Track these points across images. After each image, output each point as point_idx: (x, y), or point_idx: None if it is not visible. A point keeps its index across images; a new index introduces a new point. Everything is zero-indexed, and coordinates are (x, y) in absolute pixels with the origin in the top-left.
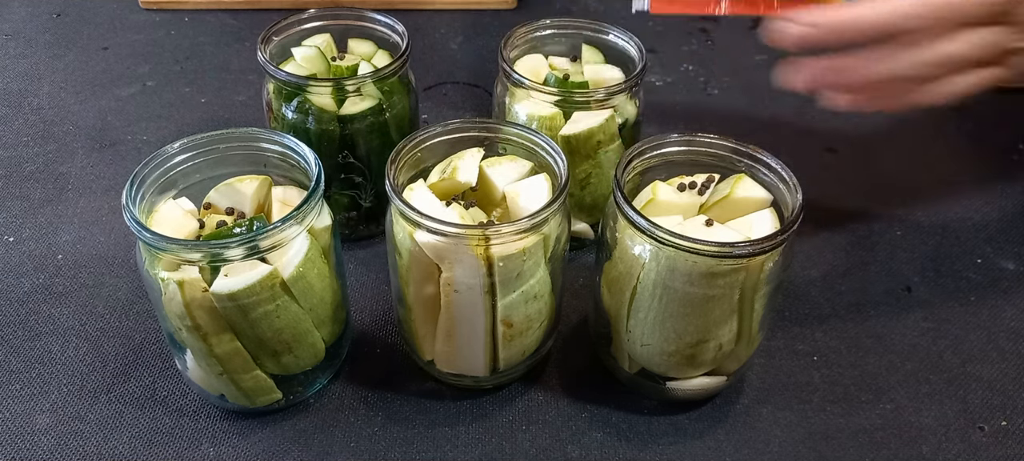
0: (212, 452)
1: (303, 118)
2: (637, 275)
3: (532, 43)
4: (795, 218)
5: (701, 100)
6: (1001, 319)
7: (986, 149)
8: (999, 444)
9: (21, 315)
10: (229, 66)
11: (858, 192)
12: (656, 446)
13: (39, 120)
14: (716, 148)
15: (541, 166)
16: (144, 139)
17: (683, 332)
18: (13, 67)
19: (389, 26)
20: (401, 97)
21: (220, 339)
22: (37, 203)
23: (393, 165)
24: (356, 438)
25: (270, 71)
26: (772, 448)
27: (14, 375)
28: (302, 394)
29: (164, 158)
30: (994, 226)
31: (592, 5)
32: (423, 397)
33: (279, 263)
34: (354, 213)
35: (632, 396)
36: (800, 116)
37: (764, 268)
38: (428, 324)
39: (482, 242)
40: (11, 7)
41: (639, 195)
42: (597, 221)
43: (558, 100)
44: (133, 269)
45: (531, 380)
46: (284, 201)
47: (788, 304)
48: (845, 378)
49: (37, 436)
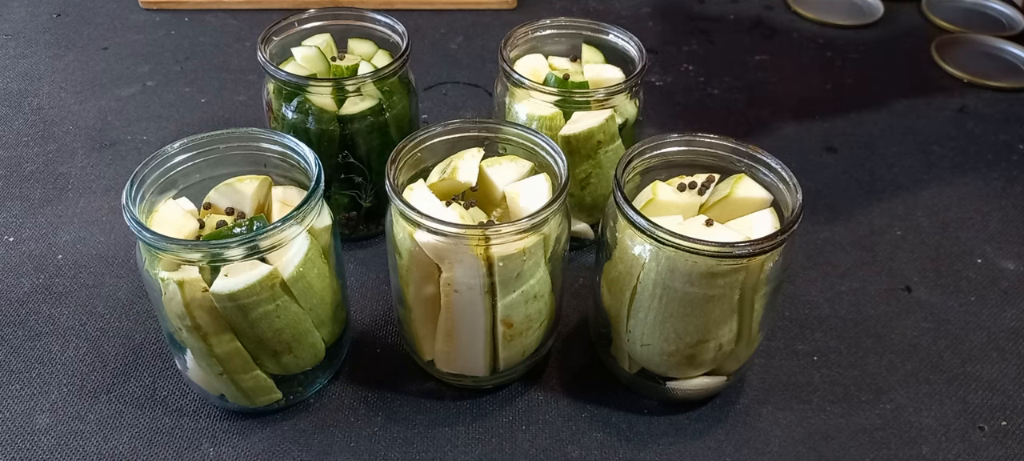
0: (212, 452)
1: (303, 118)
2: (637, 275)
3: (532, 43)
4: (795, 218)
5: (701, 100)
6: (1001, 319)
7: (986, 149)
8: (999, 444)
9: (21, 315)
10: (229, 66)
11: (858, 192)
12: (656, 446)
13: (39, 120)
14: (716, 148)
15: (541, 166)
16: (144, 139)
17: (683, 332)
18: (13, 67)
19: (389, 26)
20: (401, 97)
21: (220, 339)
22: (37, 203)
23: (393, 165)
24: (356, 438)
25: (270, 71)
26: (772, 448)
27: (14, 375)
28: (302, 394)
29: (164, 158)
30: (994, 226)
31: (592, 5)
32: (423, 397)
33: (279, 263)
34: (354, 213)
35: (632, 396)
36: (800, 116)
37: (764, 268)
38: (428, 324)
39: (482, 242)
40: (11, 7)
41: (639, 195)
42: (597, 221)
43: (558, 100)
44: (133, 269)
45: (531, 380)
46: (284, 201)
47: (788, 304)
48: (845, 378)
49: (37, 436)
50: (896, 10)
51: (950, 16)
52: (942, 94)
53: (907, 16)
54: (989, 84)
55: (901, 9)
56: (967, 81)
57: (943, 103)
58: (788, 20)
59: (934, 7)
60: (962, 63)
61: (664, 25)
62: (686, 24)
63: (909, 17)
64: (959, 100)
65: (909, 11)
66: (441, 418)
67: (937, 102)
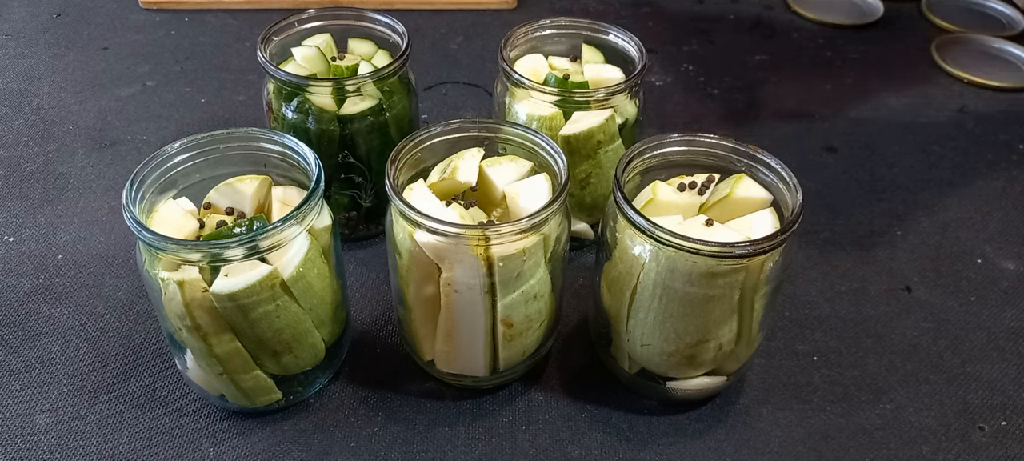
0: (212, 452)
1: (303, 118)
2: (637, 275)
3: (532, 43)
4: (795, 218)
5: (701, 100)
6: (1001, 319)
7: (986, 149)
8: (999, 444)
9: (21, 315)
10: (229, 66)
11: (858, 192)
12: (656, 446)
13: (39, 120)
14: (716, 148)
15: (541, 166)
16: (144, 139)
17: (683, 332)
18: (13, 67)
19: (389, 26)
20: (401, 97)
21: (220, 339)
22: (37, 203)
23: (393, 165)
24: (356, 438)
25: (270, 71)
26: (772, 448)
27: (14, 375)
28: (302, 394)
29: (164, 158)
30: (994, 226)
31: (592, 5)
32: (423, 397)
33: (279, 263)
34: (354, 213)
35: (632, 396)
36: (800, 116)
37: (764, 268)
38: (428, 324)
39: (482, 242)
40: (11, 7)
41: (639, 195)
42: (597, 221)
43: (558, 100)
44: (133, 269)
45: (531, 380)
46: (284, 201)
47: (788, 304)
48: (845, 378)
49: (37, 436)
50: (896, 10)
51: (950, 16)
52: (942, 94)
53: (907, 16)
54: (989, 84)
55: (901, 9)
56: (967, 81)
57: (943, 103)
58: (788, 20)
59: (934, 7)
60: (962, 63)
61: (664, 25)
62: (686, 24)
63: (909, 17)
64: (959, 100)
65: (909, 11)
66: (441, 418)
67: (937, 102)
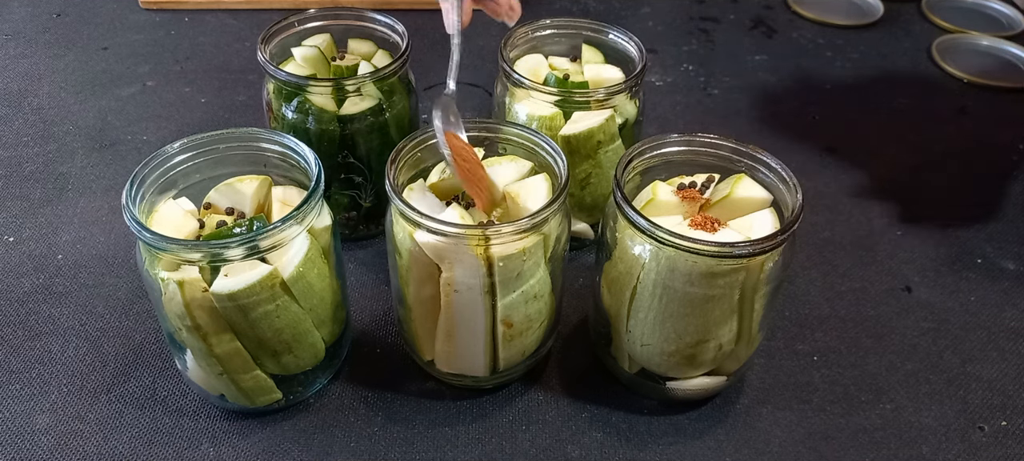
0: (212, 452)
1: (303, 118)
2: (637, 275)
3: (532, 43)
4: (795, 218)
5: (701, 100)
6: (1001, 319)
7: (986, 149)
8: (999, 444)
9: (21, 315)
10: (229, 66)
11: (858, 192)
12: (656, 446)
13: (39, 120)
14: (716, 148)
15: (541, 166)
16: (144, 139)
17: (683, 332)
18: (13, 67)
19: (389, 26)
20: (401, 97)
21: (220, 339)
22: (37, 203)
23: (393, 165)
24: (356, 438)
25: (270, 71)
26: (772, 448)
27: (14, 375)
28: (302, 394)
29: (164, 158)
30: (994, 226)
31: (592, 5)
32: (423, 397)
33: (279, 263)
34: (354, 213)
35: (632, 396)
36: (800, 116)
37: (764, 268)
38: (428, 324)
39: (482, 242)
40: (11, 7)
41: (639, 195)
42: (597, 221)
43: (558, 100)
44: (133, 269)
45: (531, 380)
46: (284, 201)
47: (788, 304)
48: (845, 378)
49: (37, 436)
50: (896, 10)
51: (950, 16)
52: (942, 94)
53: (907, 16)
54: (989, 84)
55: (901, 9)
56: (967, 81)
57: (943, 103)
58: (788, 20)
59: (934, 7)
60: (962, 63)
61: (664, 25)
62: (686, 24)
63: (909, 17)
64: (959, 100)
65: (909, 11)
66: (441, 418)
67: (937, 102)
